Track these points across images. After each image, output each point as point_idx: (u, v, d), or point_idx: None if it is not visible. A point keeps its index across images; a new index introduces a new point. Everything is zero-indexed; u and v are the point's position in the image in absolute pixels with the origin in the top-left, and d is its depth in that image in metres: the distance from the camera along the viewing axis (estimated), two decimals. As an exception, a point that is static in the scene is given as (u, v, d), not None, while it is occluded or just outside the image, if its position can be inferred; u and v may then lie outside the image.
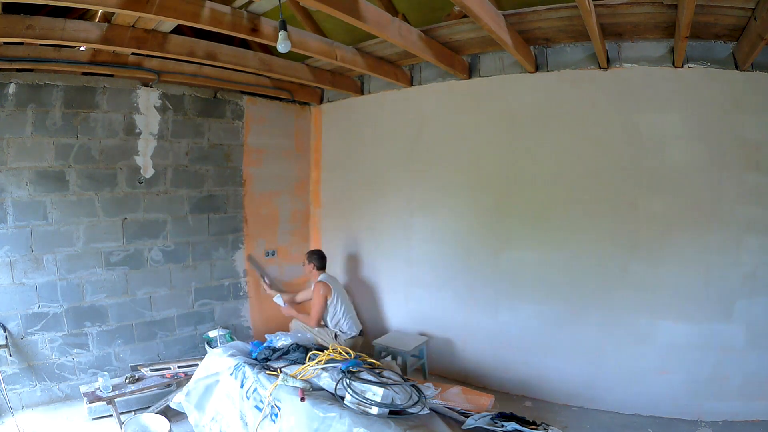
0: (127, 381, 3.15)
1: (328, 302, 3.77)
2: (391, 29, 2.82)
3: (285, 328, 3.86)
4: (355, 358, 2.57)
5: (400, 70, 4.03)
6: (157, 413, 2.94)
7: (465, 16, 3.00)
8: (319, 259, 4.00)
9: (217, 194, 4.18)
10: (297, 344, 2.85)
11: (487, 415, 2.20)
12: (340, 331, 3.79)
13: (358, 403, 2.16)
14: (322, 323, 3.84)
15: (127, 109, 3.62)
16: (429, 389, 2.41)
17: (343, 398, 2.22)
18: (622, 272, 3.29)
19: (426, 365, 3.89)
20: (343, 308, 3.80)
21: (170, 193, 3.89)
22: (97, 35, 2.74)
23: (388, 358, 3.65)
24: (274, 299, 4.08)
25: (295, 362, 2.67)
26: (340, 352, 2.61)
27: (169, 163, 3.87)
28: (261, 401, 2.38)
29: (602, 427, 3.16)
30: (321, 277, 3.89)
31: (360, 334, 3.90)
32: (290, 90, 4.48)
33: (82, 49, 3.13)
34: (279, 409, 2.26)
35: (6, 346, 3.07)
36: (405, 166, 4.23)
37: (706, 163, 3.09)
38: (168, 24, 2.84)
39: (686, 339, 3.15)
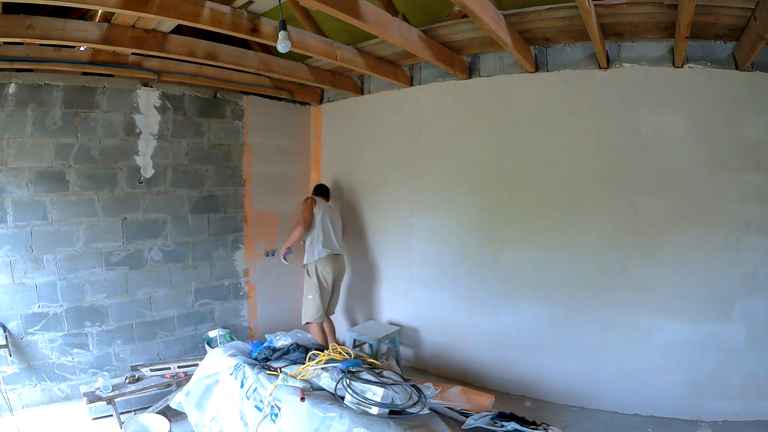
0: (127, 381, 3.15)
1: (315, 211, 4.00)
2: (391, 29, 2.82)
3: (285, 328, 3.85)
4: (355, 358, 2.57)
5: (400, 70, 4.03)
6: (157, 413, 2.94)
7: (465, 16, 3.00)
8: (318, 188, 4.31)
9: (217, 194, 4.19)
10: (297, 344, 2.85)
11: (487, 415, 2.20)
12: (307, 255, 4.04)
13: (358, 403, 2.16)
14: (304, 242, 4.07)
15: (127, 109, 3.62)
16: (429, 389, 2.41)
17: (343, 398, 2.22)
18: (622, 272, 3.29)
19: (399, 353, 4.04)
20: (322, 226, 3.99)
21: (170, 193, 3.89)
22: (97, 35, 2.74)
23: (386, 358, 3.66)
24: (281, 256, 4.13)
25: (295, 362, 2.67)
26: (340, 352, 2.61)
27: (169, 163, 3.87)
28: (261, 401, 2.38)
29: (602, 427, 3.16)
30: (315, 196, 4.15)
31: (337, 253, 4.10)
32: (290, 90, 4.48)
33: (82, 49, 3.13)
34: (279, 409, 2.26)
35: (6, 346, 3.07)
36: (405, 166, 4.23)
37: (706, 163, 3.09)
38: (168, 24, 2.84)
39: (686, 339, 3.16)
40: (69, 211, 3.38)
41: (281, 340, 2.96)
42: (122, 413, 3.04)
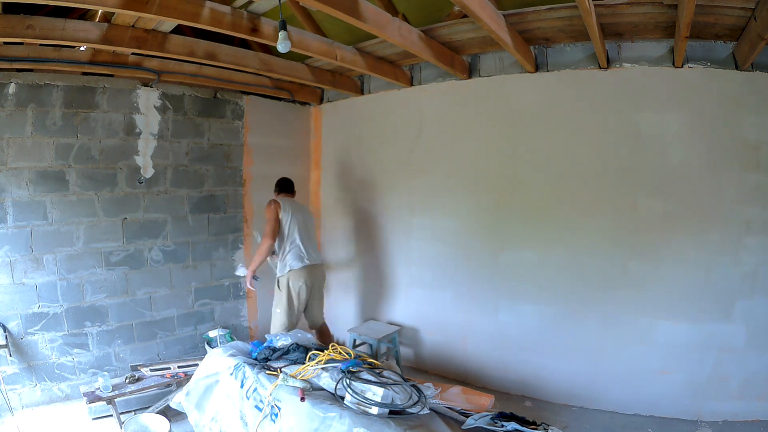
0: (127, 381, 3.15)
1: (281, 216, 3.55)
2: (391, 29, 2.82)
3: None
4: (355, 358, 2.57)
5: (400, 70, 4.03)
6: (157, 413, 2.94)
7: (465, 16, 3.00)
8: (279, 184, 3.84)
9: (217, 194, 4.19)
10: (297, 344, 2.85)
11: (487, 415, 2.20)
12: (279, 266, 3.62)
13: (358, 403, 2.16)
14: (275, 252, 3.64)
15: (127, 109, 3.62)
16: (429, 389, 2.41)
17: (343, 398, 2.22)
18: (622, 272, 3.29)
19: (399, 353, 4.03)
20: (291, 234, 3.55)
21: (170, 193, 3.89)
22: (97, 35, 2.74)
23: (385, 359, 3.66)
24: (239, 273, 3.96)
25: (295, 362, 2.67)
26: (340, 352, 2.61)
27: (169, 163, 3.87)
28: (261, 401, 2.38)
29: (602, 427, 3.16)
30: (279, 197, 3.71)
31: (314, 264, 3.65)
32: (290, 90, 4.48)
33: (82, 49, 3.13)
34: (279, 409, 2.26)
35: (6, 346, 3.07)
36: (405, 166, 4.23)
37: (706, 163, 3.09)
38: (168, 24, 2.84)
39: (686, 339, 3.16)
40: (69, 211, 3.38)
41: (281, 340, 2.96)
42: (122, 413, 3.04)
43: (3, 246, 3.14)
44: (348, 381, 2.26)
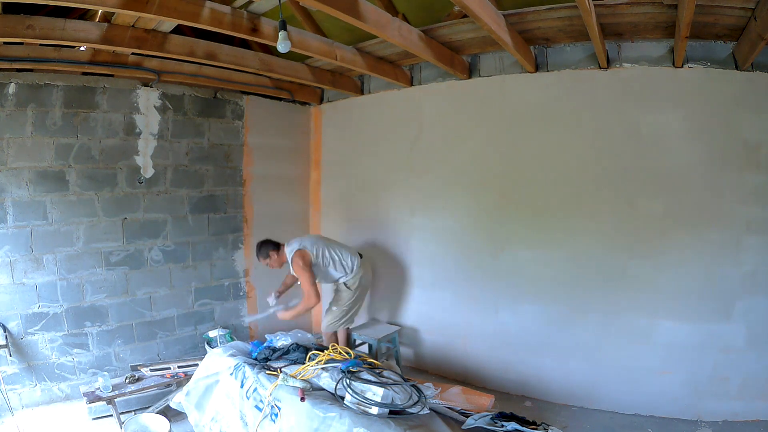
0: (127, 381, 3.15)
1: (313, 264, 3.46)
2: (391, 29, 2.82)
3: (285, 328, 3.85)
4: (355, 358, 2.57)
5: (400, 70, 4.03)
6: (157, 413, 2.94)
7: (465, 16, 3.00)
8: (268, 244, 3.59)
9: (217, 194, 4.19)
10: (297, 344, 2.85)
11: (487, 415, 2.20)
12: (346, 274, 3.60)
13: (358, 403, 2.16)
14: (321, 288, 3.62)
15: (127, 109, 3.62)
16: (429, 389, 2.41)
17: (343, 398, 2.22)
18: (622, 272, 3.29)
19: (399, 353, 4.01)
20: (329, 253, 3.53)
21: (170, 193, 3.89)
22: (97, 35, 2.75)
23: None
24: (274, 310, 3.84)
25: (295, 362, 2.67)
26: (340, 352, 2.61)
27: (169, 163, 3.87)
28: (261, 401, 2.38)
29: (602, 426, 3.16)
30: (291, 246, 3.50)
31: (359, 261, 3.68)
32: (290, 90, 4.48)
33: (82, 49, 3.13)
34: (279, 409, 2.27)
35: (6, 346, 3.07)
36: (405, 166, 4.23)
37: (706, 163, 3.09)
38: (168, 24, 2.84)
39: (686, 339, 3.15)
40: (69, 211, 3.38)
41: (281, 340, 2.97)
42: (122, 413, 3.04)
43: (3, 246, 3.14)
44: (348, 381, 2.26)
